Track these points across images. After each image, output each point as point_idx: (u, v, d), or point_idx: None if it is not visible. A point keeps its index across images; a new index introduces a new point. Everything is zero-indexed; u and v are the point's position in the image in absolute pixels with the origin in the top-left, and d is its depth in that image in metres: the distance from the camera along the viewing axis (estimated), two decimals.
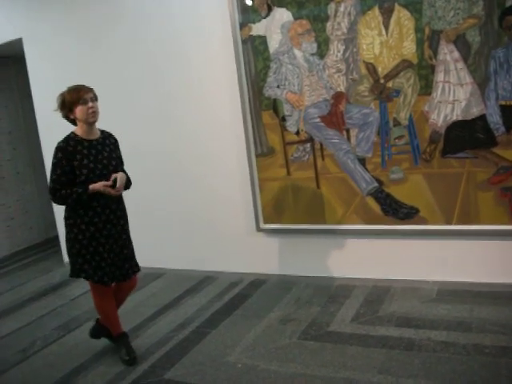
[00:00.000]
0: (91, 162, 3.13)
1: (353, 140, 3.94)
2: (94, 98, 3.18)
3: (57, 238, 6.10)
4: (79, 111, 3.12)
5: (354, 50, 3.80)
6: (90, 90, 3.17)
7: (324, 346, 3.23)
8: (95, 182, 3.10)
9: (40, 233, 7.18)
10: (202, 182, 4.67)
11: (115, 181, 3.13)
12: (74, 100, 3.10)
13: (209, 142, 4.54)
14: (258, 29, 4.08)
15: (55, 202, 3.20)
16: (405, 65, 3.66)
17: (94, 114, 3.15)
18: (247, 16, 4.08)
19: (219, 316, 3.89)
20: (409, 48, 3.63)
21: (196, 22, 4.35)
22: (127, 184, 3.34)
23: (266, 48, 4.08)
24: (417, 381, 2.73)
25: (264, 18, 4.03)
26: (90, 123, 3.17)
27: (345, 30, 3.79)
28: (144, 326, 3.87)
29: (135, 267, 3.43)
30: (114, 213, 3.26)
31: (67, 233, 3.24)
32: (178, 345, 3.51)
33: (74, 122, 3.22)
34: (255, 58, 4.13)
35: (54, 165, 3.14)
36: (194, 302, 4.24)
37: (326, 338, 3.34)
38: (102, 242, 3.21)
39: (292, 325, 3.58)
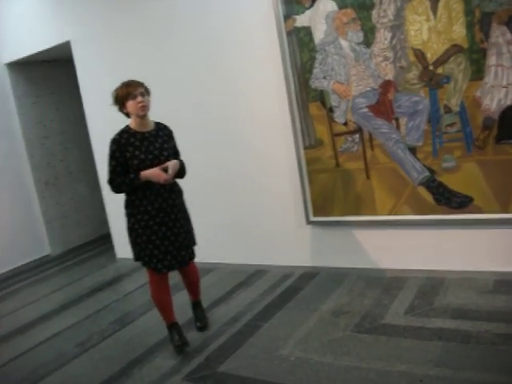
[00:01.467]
0: (142, 153, 3.28)
1: (402, 129, 3.86)
2: (145, 93, 3.31)
3: (109, 235, 6.24)
4: (130, 106, 3.28)
5: (402, 36, 3.71)
6: (140, 84, 3.31)
7: (378, 339, 3.19)
8: None
9: (93, 230, 7.35)
10: (250, 176, 4.68)
11: (166, 169, 3.26)
12: (125, 95, 3.27)
13: (256, 136, 4.54)
14: (302, 20, 4.04)
15: (113, 191, 3.38)
16: (455, 49, 3.56)
17: (143, 108, 3.28)
18: (291, 8, 4.05)
19: (271, 309, 3.89)
20: (458, 32, 3.52)
21: (240, 16, 4.35)
22: (181, 172, 3.48)
23: (311, 39, 4.04)
24: (475, 374, 2.66)
25: (308, 9, 3.99)
26: (140, 117, 3.31)
27: (391, 17, 3.71)
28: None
29: (192, 254, 3.58)
30: (166, 201, 3.37)
31: (126, 222, 3.43)
32: (231, 338, 3.54)
33: (128, 115, 3.38)
34: (300, 50, 4.10)
35: (109, 156, 3.33)
36: (246, 295, 4.26)
37: (380, 330, 3.30)
38: (155, 230, 3.34)
39: (345, 317, 3.55)
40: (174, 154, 3.51)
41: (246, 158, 4.66)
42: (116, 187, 3.34)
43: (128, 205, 3.41)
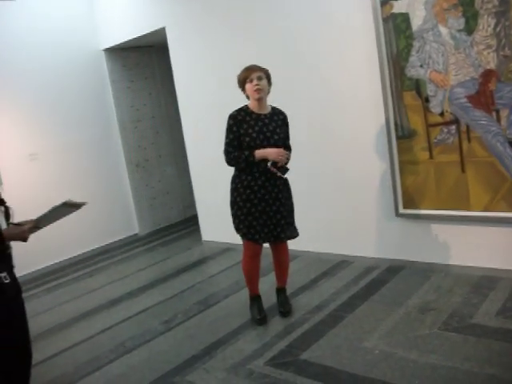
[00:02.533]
0: (255, 132, 3.52)
1: (503, 121, 3.66)
2: (263, 77, 3.54)
3: (195, 217, 6.39)
4: (247, 88, 3.54)
5: (507, 23, 3.51)
6: (260, 69, 3.56)
7: (467, 339, 3.07)
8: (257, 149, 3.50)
9: (179, 212, 7.55)
10: (340, 166, 4.62)
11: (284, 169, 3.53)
12: (244, 78, 3.54)
13: (347, 126, 4.47)
14: (400, 6, 3.92)
15: (228, 163, 3.61)
16: None
17: (259, 91, 3.50)
18: None
19: (356, 300, 3.85)
20: None
21: (335, 1, 4.27)
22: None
23: (409, 26, 3.91)
24: None
25: None
26: (256, 99, 3.54)
27: (496, 3, 3.52)
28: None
29: (290, 233, 3.72)
30: (268, 180, 3.56)
31: (230, 197, 3.67)
32: (314, 326, 3.53)
33: (248, 97, 3.62)
34: (397, 37, 3.98)
35: (227, 130, 3.58)
36: (330, 284, 4.23)
37: (468, 330, 3.18)
38: (255, 204, 3.56)
39: (432, 314, 3.45)
40: (285, 138, 3.68)
41: (336, 147, 4.60)
42: (231, 159, 3.56)
43: (234, 180, 3.65)
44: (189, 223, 7.20)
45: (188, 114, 5.87)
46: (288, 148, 3.71)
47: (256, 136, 3.49)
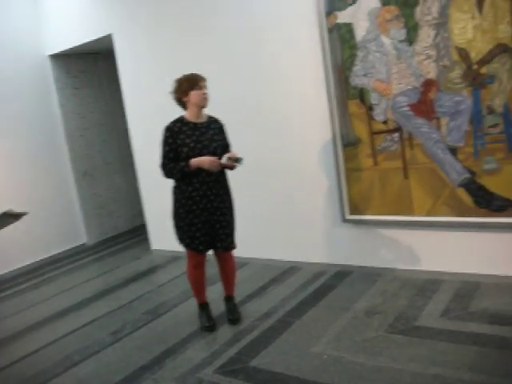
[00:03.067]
0: (192, 142, 3.51)
1: (443, 129, 3.79)
2: (207, 86, 3.58)
3: (144, 226, 6.32)
4: (194, 95, 3.51)
5: (445, 35, 3.65)
6: (204, 78, 3.57)
7: (412, 341, 3.15)
8: None
9: (128, 221, 7.45)
10: (287, 173, 4.67)
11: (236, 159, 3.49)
12: (192, 84, 3.50)
13: (294, 134, 4.53)
14: (344, 16, 4.01)
15: (165, 175, 3.60)
16: (500, 49, 3.48)
17: (206, 99, 3.55)
18: (333, 4, 4.02)
19: (304, 306, 3.89)
20: (505, 31, 3.44)
21: (282, 11, 4.34)
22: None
23: (353, 36, 4.00)
24: (510, 381, 2.60)
25: (350, 5, 3.95)
26: (201, 107, 3.56)
27: (435, 15, 3.65)
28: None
29: (227, 243, 3.70)
30: (210, 190, 3.56)
31: (172, 208, 3.66)
32: (263, 333, 3.55)
33: (184, 105, 3.59)
34: (341, 47, 4.06)
35: (162, 142, 3.58)
36: (279, 291, 4.26)
37: (413, 332, 3.26)
38: (197, 214, 3.55)
39: (378, 317, 3.52)
40: (224, 146, 3.67)
41: (283, 155, 4.65)
42: (167, 172, 3.56)
43: (175, 191, 3.63)
44: (137, 232, 7.11)
45: (136, 122, 5.81)
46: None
47: (194, 146, 3.49)
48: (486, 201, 3.72)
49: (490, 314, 3.33)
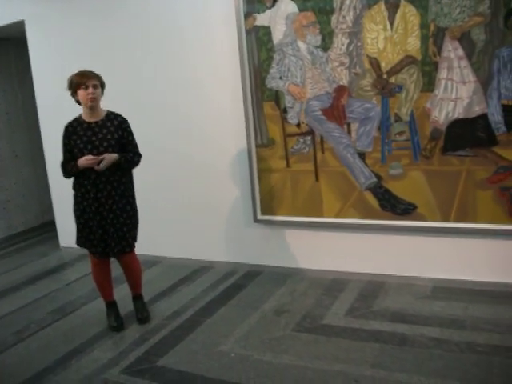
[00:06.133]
0: (82, 143, 3.41)
1: (353, 134, 3.93)
2: (98, 86, 3.40)
3: (53, 222, 6.10)
4: (80, 94, 3.38)
5: (358, 44, 3.78)
6: (96, 76, 3.39)
7: (317, 339, 3.24)
8: None
9: (37, 216, 7.16)
10: (199, 170, 4.66)
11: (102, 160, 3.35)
12: (78, 83, 3.35)
13: (209, 131, 4.53)
14: (262, 19, 4.06)
15: (63, 175, 3.55)
16: (408, 61, 3.65)
17: (93, 99, 3.37)
18: (252, 6, 4.05)
19: (214, 305, 3.90)
20: (413, 44, 3.61)
21: (200, 11, 4.32)
22: (130, 164, 3.52)
23: (270, 39, 4.06)
24: (409, 376, 2.74)
25: (269, 9, 4.01)
26: (89, 107, 3.42)
27: (350, 24, 3.78)
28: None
29: (121, 246, 3.55)
30: (101, 192, 3.44)
31: (73, 204, 3.58)
32: (171, 332, 3.52)
33: (78, 103, 3.46)
34: (259, 49, 4.11)
35: (61, 141, 3.50)
36: (189, 290, 4.25)
37: (319, 330, 3.35)
38: (91, 217, 3.48)
39: (286, 316, 3.59)
40: (124, 144, 3.51)
41: (196, 152, 4.64)
42: (64, 172, 3.52)
43: (73, 188, 3.56)
44: (47, 228, 6.84)
45: (46, 113, 5.59)
46: (134, 154, 3.54)
47: (83, 146, 3.39)
48: (390, 204, 3.89)
49: (392, 313, 3.48)
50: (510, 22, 3.34)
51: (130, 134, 3.56)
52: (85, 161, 3.33)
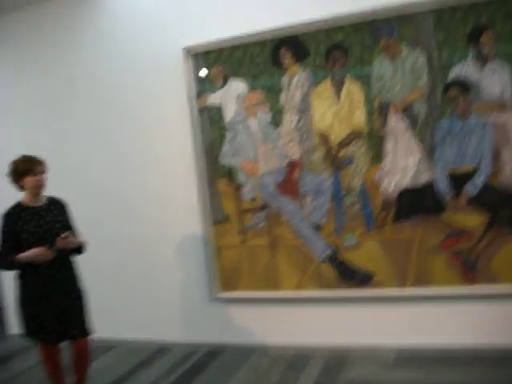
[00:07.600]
0: (32, 227, 3.28)
1: (307, 207, 4.01)
2: (44, 170, 3.36)
3: (1, 308, 5.82)
4: (28, 181, 3.30)
5: (307, 120, 3.93)
6: (41, 163, 3.35)
7: None
8: (36, 246, 3.21)
9: None
10: (154, 249, 4.60)
11: (52, 243, 3.24)
12: (25, 170, 3.28)
13: (163, 211, 4.51)
14: (213, 98, 4.18)
15: (1, 268, 3.35)
16: (356, 134, 3.81)
17: (40, 186, 3.34)
18: (203, 86, 4.18)
19: None
20: (359, 118, 3.79)
21: (153, 91, 4.41)
22: (79, 249, 3.46)
23: (222, 117, 4.17)
24: None
25: (220, 89, 4.14)
26: (37, 193, 3.36)
27: (298, 101, 3.94)
28: None
29: (82, 330, 3.45)
30: (54, 276, 3.32)
31: (18, 293, 3.37)
32: None
33: (21, 188, 3.36)
34: (211, 127, 4.21)
35: (1, 231, 3.29)
36: (147, 375, 4.07)
37: None
38: (46, 304, 3.30)
39: None
40: (66, 228, 3.44)
41: (152, 232, 4.59)
42: (4, 264, 3.30)
43: (20, 275, 3.36)
44: None
45: None
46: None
47: (34, 230, 3.26)
48: (348, 275, 3.93)
49: None
50: (447, 96, 3.57)
51: (71, 218, 3.55)
52: (39, 254, 3.17)
